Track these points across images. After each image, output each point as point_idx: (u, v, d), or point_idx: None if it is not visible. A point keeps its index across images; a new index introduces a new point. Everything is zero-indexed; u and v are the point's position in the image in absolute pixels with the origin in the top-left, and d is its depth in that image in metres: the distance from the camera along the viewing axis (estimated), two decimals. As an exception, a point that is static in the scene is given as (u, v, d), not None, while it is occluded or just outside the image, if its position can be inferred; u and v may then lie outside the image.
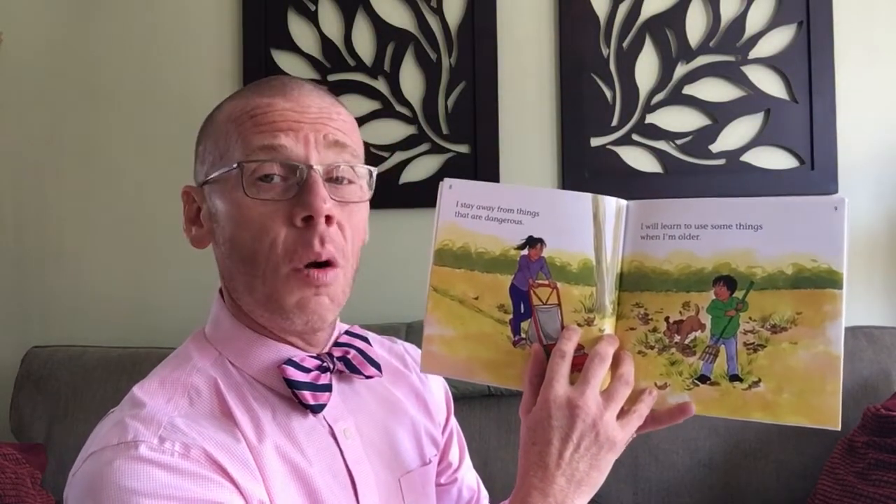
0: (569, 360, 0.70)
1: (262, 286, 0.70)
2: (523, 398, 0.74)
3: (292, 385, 0.71)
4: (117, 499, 0.61)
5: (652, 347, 0.73)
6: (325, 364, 0.74)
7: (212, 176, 0.72)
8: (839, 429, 0.67)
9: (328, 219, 0.69)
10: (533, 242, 0.74)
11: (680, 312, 0.72)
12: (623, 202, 0.74)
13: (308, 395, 0.71)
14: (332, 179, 0.71)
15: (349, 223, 0.72)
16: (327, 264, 0.70)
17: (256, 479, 0.67)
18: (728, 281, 0.70)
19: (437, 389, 0.92)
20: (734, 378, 0.70)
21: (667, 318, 0.72)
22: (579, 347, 0.73)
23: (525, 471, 0.68)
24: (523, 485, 0.68)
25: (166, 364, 0.74)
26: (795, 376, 0.68)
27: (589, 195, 0.74)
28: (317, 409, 0.72)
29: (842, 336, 0.68)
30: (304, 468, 0.70)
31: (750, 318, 0.70)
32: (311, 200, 0.68)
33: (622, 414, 0.69)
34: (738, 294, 0.70)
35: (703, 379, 0.71)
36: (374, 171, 0.76)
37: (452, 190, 0.77)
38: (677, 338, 0.72)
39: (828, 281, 0.68)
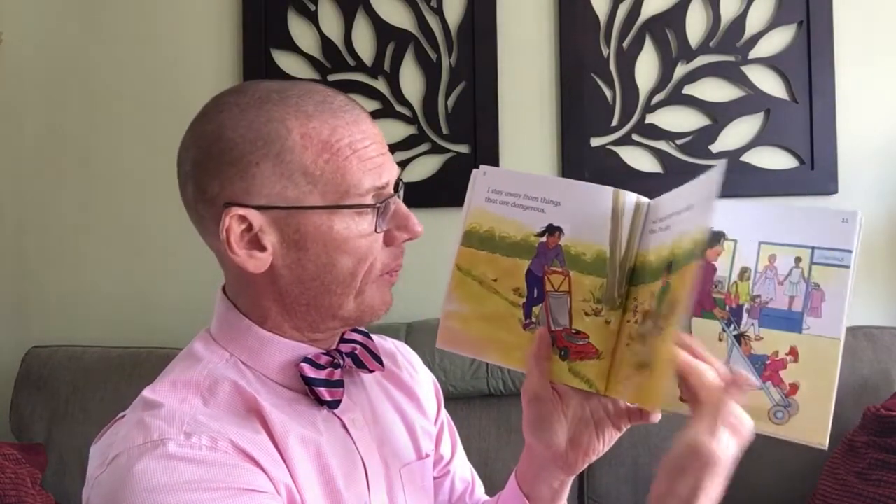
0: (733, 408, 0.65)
1: (353, 301, 0.74)
2: (525, 380, 0.76)
3: (310, 382, 0.72)
4: (154, 501, 0.61)
5: (634, 339, 0.73)
6: (336, 361, 0.76)
7: (301, 204, 0.69)
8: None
9: None
10: (552, 230, 0.76)
11: (648, 303, 0.72)
12: (644, 199, 0.75)
13: (325, 392, 0.73)
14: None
15: None
16: None
17: (280, 466, 0.68)
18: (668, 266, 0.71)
19: (427, 383, 0.93)
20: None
21: (644, 309, 0.73)
22: (583, 335, 0.74)
23: None
24: None
25: (175, 367, 0.74)
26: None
27: (610, 189, 0.75)
28: (333, 406, 0.74)
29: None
30: (325, 454, 0.72)
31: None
32: (413, 227, 0.75)
33: None
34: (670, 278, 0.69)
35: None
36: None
37: (486, 176, 0.80)
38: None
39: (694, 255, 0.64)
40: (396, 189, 0.75)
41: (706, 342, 0.70)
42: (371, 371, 0.80)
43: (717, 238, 0.72)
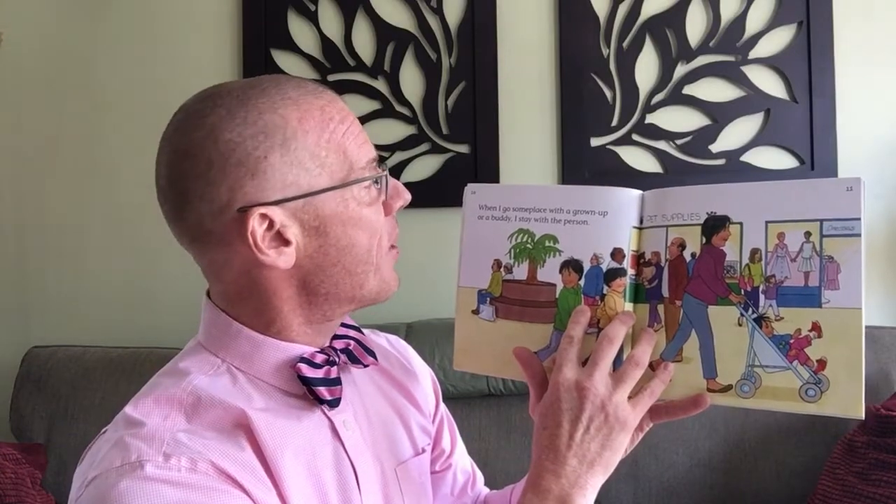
0: (577, 345, 0.71)
1: (374, 277, 0.74)
2: (531, 398, 0.76)
3: (308, 382, 0.71)
4: None
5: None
6: (331, 358, 0.75)
7: (316, 189, 0.69)
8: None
9: None
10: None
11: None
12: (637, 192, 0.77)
13: (325, 391, 0.72)
14: None
15: None
16: None
17: (265, 484, 0.67)
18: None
19: (424, 378, 0.92)
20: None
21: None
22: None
23: (537, 454, 0.70)
24: (536, 467, 0.69)
25: (158, 383, 0.72)
26: None
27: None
28: (334, 404, 0.73)
29: None
30: (315, 465, 0.71)
31: None
32: (404, 193, 0.77)
33: (634, 393, 0.70)
34: None
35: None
36: None
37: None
38: None
39: None
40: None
41: (726, 329, 0.70)
42: (365, 366, 0.80)
43: (721, 223, 0.71)
